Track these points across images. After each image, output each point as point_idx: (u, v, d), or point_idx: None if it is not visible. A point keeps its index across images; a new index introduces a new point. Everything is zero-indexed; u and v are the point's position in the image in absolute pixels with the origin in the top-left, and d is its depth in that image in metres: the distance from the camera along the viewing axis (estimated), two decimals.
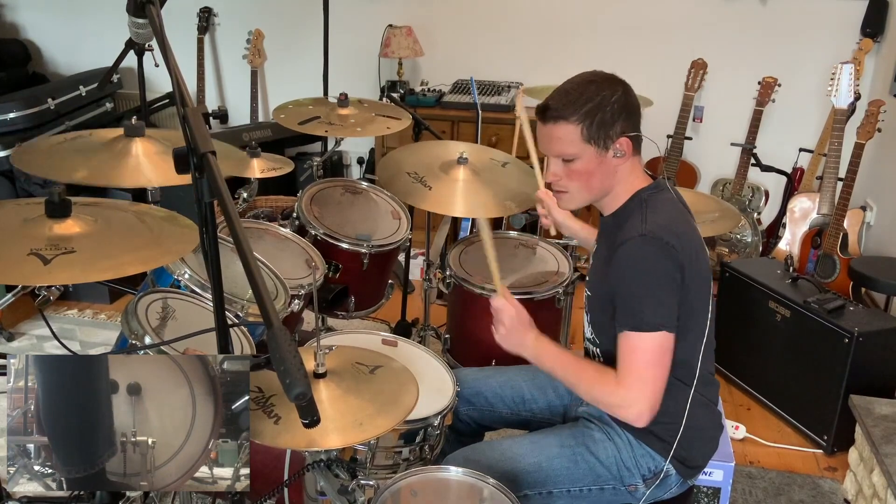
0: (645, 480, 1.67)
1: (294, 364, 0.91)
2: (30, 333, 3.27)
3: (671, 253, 1.52)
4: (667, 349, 1.52)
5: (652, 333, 1.51)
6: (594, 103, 1.55)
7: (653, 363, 1.51)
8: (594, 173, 1.61)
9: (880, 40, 3.66)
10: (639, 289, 1.53)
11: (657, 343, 1.51)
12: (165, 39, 1.22)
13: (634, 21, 3.97)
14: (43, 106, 3.75)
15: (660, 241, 1.52)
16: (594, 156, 1.58)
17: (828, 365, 2.64)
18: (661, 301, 1.52)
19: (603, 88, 1.57)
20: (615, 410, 1.57)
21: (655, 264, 1.52)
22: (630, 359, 1.53)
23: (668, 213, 1.59)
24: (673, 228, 1.55)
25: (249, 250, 1.00)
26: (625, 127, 1.58)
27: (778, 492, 2.52)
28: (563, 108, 1.56)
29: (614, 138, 1.57)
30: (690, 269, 1.54)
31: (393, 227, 2.61)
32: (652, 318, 1.51)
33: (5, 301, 1.64)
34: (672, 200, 1.63)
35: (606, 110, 1.55)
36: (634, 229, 1.54)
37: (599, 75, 1.61)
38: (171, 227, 1.61)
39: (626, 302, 1.54)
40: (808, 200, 3.43)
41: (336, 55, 3.75)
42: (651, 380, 1.51)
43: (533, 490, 1.65)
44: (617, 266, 1.56)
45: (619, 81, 1.60)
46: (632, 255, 1.54)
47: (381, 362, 1.59)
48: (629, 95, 1.59)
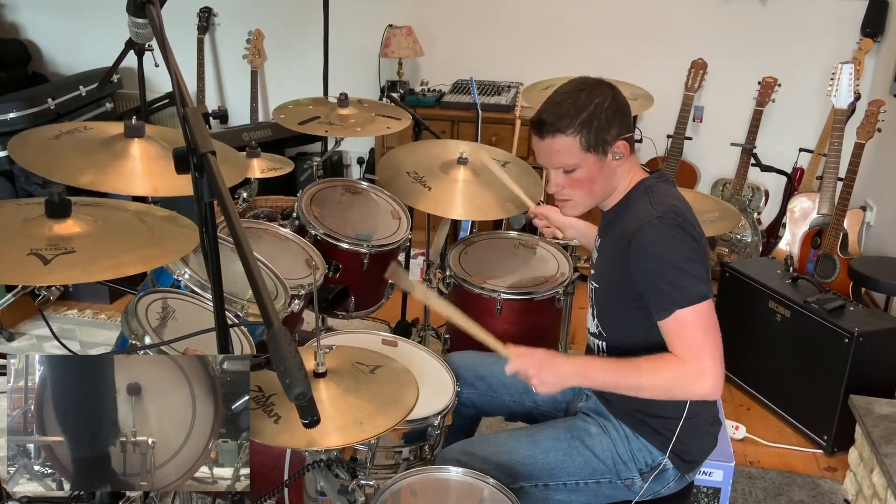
0: (642, 474, 1.67)
1: (294, 364, 0.91)
2: (30, 333, 3.27)
3: (688, 230, 1.54)
4: (713, 315, 1.53)
5: (698, 304, 1.51)
6: (588, 112, 1.57)
7: (708, 330, 1.51)
8: (596, 179, 1.63)
9: (880, 40, 3.66)
10: (671, 267, 1.52)
11: (706, 312, 1.51)
12: (165, 39, 1.22)
13: (634, 21, 3.97)
14: (43, 106, 3.75)
15: (674, 219, 1.54)
16: (595, 163, 1.60)
17: (828, 365, 2.64)
18: (694, 272, 1.52)
19: (594, 95, 1.58)
20: (689, 388, 1.53)
21: (678, 240, 1.53)
22: (686, 334, 1.52)
23: (673, 199, 1.61)
24: (682, 212, 1.57)
25: (249, 250, 1.00)
26: (620, 130, 1.60)
27: (778, 492, 2.52)
28: (559, 121, 1.57)
29: (611, 143, 1.59)
30: (701, 252, 1.56)
31: (393, 227, 2.61)
32: (694, 289, 1.51)
33: (5, 301, 1.64)
34: (674, 191, 1.66)
35: (602, 117, 1.57)
36: (648, 214, 1.56)
37: (588, 82, 1.62)
38: (171, 227, 1.61)
39: (663, 284, 1.53)
40: (808, 200, 3.43)
41: (336, 55, 3.75)
42: (713, 346, 1.51)
43: (529, 483, 1.66)
44: (639, 252, 1.55)
45: (606, 85, 1.62)
46: (653, 239, 1.54)
47: (381, 362, 1.59)
48: (618, 97, 1.61)
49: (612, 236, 1.68)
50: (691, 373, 1.51)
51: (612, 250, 1.66)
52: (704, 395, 1.52)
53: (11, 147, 1.67)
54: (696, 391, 1.53)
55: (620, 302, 1.63)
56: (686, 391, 1.56)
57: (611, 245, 1.68)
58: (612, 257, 1.64)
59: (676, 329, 1.52)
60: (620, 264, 1.59)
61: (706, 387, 1.51)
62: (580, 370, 1.59)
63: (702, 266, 1.54)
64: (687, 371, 1.51)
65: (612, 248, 1.67)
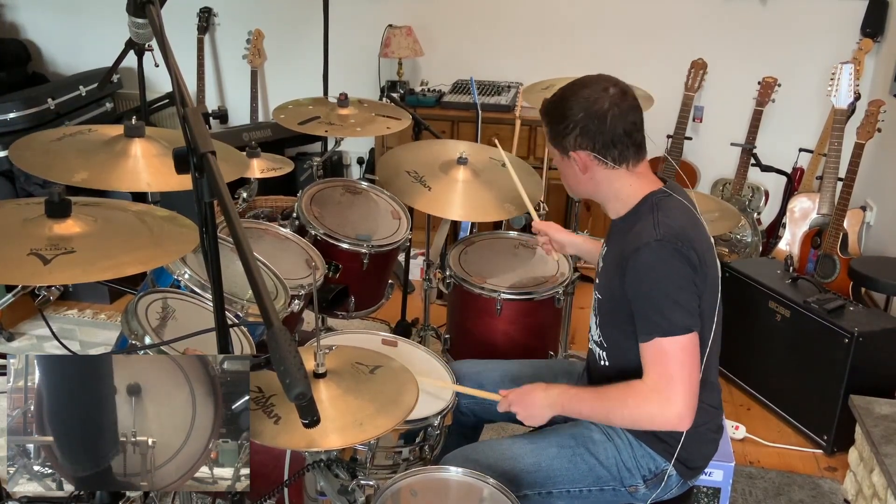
0: (646, 481, 1.66)
1: (294, 364, 0.91)
2: (30, 333, 3.27)
3: (687, 255, 1.52)
4: (695, 349, 1.51)
5: (680, 336, 1.50)
6: (562, 109, 1.59)
7: (686, 364, 1.50)
8: (566, 175, 1.69)
9: (880, 40, 3.66)
10: (661, 294, 1.52)
11: (687, 345, 1.50)
12: (165, 39, 1.22)
13: (634, 21, 3.97)
14: (43, 106, 3.75)
15: (674, 244, 1.51)
16: (560, 159, 1.66)
17: (828, 365, 2.64)
18: (684, 303, 1.51)
19: (586, 99, 1.56)
20: (655, 418, 1.53)
21: (674, 267, 1.52)
22: (661, 363, 1.51)
23: (679, 217, 1.58)
24: (685, 234, 1.55)
25: (249, 250, 1.00)
26: (584, 143, 1.58)
27: (778, 492, 2.52)
28: (544, 106, 1.65)
29: (569, 149, 1.60)
30: (702, 274, 1.54)
31: (393, 227, 2.61)
32: (679, 321, 1.50)
33: (5, 301, 1.64)
34: (683, 206, 1.62)
35: (569, 122, 1.58)
36: (648, 234, 1.54)
37: (597, 86, 1.58)
38: (171, 227, 1.61)
39: (649, 309, 1.53)
40: (808, 200, 3.43)
41: (336, 55, 3.75)
42: (686, 379, 1.49)
43: (532, 490, 1.65)
44: (634, 273, 1.55)
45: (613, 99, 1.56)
46: (649, 261, 1.53)
47: (381, 362, 1.59)
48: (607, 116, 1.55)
49: (615, 249, 1.67)
50: (656, 402, 1.51)
51: (613, 264, 1.65)
52: (672, 425, 1.51)
53: (13, 151, 1.68)
54: (660, 422, 1.53)
55: (620, 315, 1.62)
56: (651, 421, 1.55)
57: (613, 258, 1.67)
58: (614, 271, 1.63)
59: (653, 356, 1.52)
60: (619, 279, 1.59)
61: (670, 419, 1.50)
62: (556, 401, 1.66)
63: (693, 295, 1.52)
64: (652, 400, 1.51)
65: (613, 261, 1.65)
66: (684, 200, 1.63)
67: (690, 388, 1.49)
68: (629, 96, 1.59)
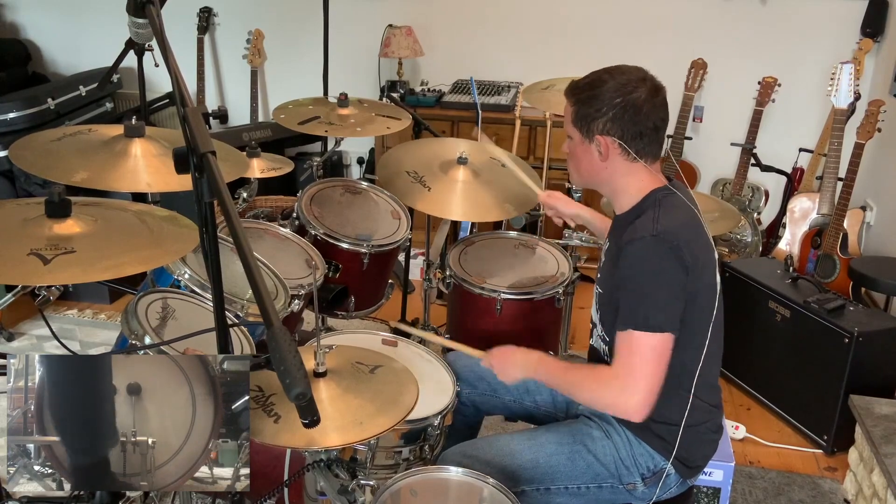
0: (644, 479, 1.67)
1: (294, 364, 0.91)
2: (30, 333, 3.27)
3: (680, 256, 1.52)
4: (666, 350, 1.52)
5: (653, 334, 1.50)
6: (596, 93, 1.59)
7: (651, 362, 1.51)
8: (581, 159, 1.67)
9: (880, 40, 3.66)
10: (645, 288, 1.53)
11: (658, 344, 1.51)
12: (165, 39, 1.22)
13: (634, 21, 3.97)
14: (43, 106, 3.75)
15: (669, 242, 1.52)
16: (580, 142, 1.64)
17: (828, 365, 2.64)
18: (666, 302, 1.52)
19: (621, 87, 1.57)
20: (611, 403, 1.55)
21: (663, 265, 1.52)
22: (629, 355, 1.53)
23: (680, 216, 1.59)
24: (683, 233, 1.55)
25: (249, 250, 1.01)
26: (614, 130, 1.58)
27: (778, 492, 2.52)
28: (575, 87, 1.64)
29: (595, 133, 1.60)
30: (696, 275, 1.54)
31: (393, 227, 2.61)
32: (655, 318, 1.50)
33: (5, 301, 1.64)
34: (685, 205, 1.62)
35: (603, 106, 1.57)
36: (645, 229, 1.54)
37: (636, 77, 1.60)
38: (171, 227, 1.61)
39: (631, 300, 1.54)
40: (808, 200, 3.43)
41: (336, 55, 3.75)
42: (649, 376, 1.51)
43: (531, 486, 1.66)
44: (624, 263, 1.56)
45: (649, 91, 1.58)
46: (640, 254, 1.53)
47: (381, 362, 1.59)
48: (643, 108, 1.57)
49: (615, 243, 1.67)
50: (615, 390, 1.53)
51: (612, 257, 1.65)
52: (626, 415, 1.53)
53: (13, 151, 1.68)
54: (615, 408, 1.56)
55: (616, 309, 1.62)
56: (607, 406, 1.59)
57: (613, 251, 1.67)
58: (612, 265, 1.64)
59: (622, 345, 1.54)
60: (616, 271, 1.60)
61: (626, 408, 1.52)
62: (531, 365, 1.71)
63: (677, 299, 1.52)
64: (612, 387, 1.53)
65: (613, 254, 1.66)
66: (687, 200, 1.63)
67: (650, 385, 1.51)
68: (662, 92, 1.61)
